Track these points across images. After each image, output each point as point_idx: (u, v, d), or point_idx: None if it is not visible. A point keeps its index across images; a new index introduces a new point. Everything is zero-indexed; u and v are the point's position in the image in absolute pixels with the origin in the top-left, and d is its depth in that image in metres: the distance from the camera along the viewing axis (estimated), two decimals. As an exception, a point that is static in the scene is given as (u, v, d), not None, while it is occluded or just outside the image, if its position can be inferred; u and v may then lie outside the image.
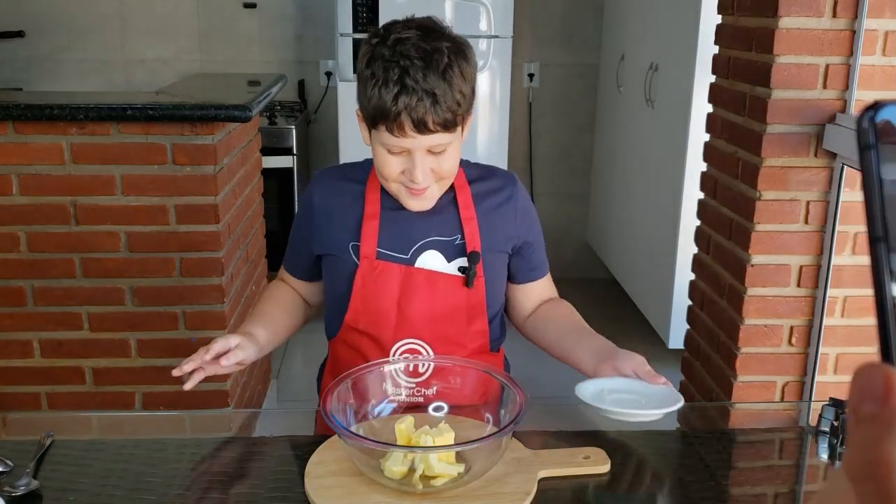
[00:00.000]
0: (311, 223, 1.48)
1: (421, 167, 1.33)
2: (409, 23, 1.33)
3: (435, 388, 1.35)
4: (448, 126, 1.31)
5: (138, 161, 2.30)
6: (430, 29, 1.33)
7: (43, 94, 2.90)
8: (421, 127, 1.29)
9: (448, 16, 3.68)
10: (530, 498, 1.16)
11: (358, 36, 3.61)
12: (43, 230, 2.33)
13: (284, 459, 1.30)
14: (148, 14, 4.16)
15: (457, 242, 1.44)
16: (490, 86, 3.77)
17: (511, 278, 1.55)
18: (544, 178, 4.50)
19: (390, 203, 1.44)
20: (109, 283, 2.38)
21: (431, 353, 1.43)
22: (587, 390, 1.33)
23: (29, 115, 2.24)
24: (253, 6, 4.19)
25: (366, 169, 1.48)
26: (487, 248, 1.46)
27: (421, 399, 1.34)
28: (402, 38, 1.30)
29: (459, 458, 1.19)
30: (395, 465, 1.16)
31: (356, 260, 1.43)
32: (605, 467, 1.25)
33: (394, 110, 1.27)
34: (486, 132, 3.83)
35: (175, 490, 1.21)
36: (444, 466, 1.16)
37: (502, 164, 3.86)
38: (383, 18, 3.57)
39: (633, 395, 1.35)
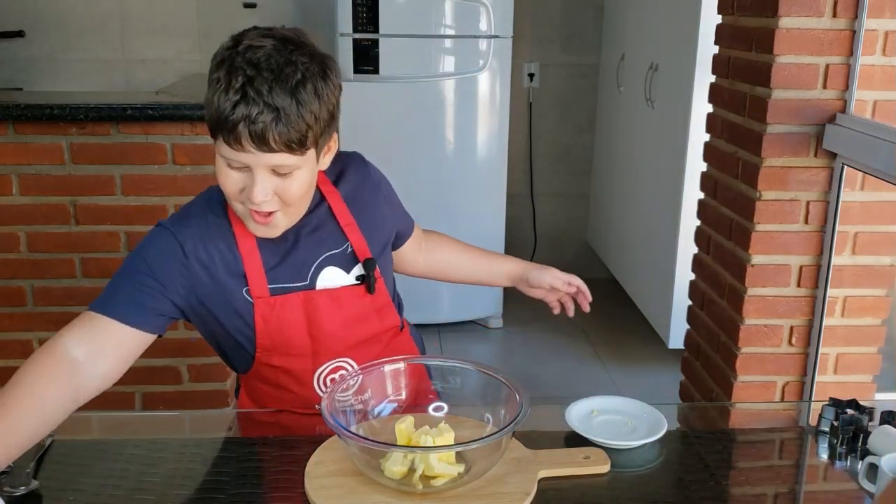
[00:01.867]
0: (184, 275, 1.30)
1: (261, 186, 1.21)
2: (271, 31, 1.23)
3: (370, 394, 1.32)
4: (293, 147, 1.20)
5: (138, 161, 2.30)
6: (289, 41, 1.22)
7: (43, 94, 2.90)
8: (261, 143, 1.18)
9: (448, 16, 3.68)
10: (530, 498, 1.16)
11: (358, 36, 3.61)
12: (43, 230, 2.33)
13: (284, 459, 1.30)
14: (148, 14, 4.16)
15: (348, 251, 1.40)
16: (490, 86, 3.77)
17: (392, 247, 1.56)
18: (544, 178, 4.50)
19: None
20: (109, 283, 2.38)
21: (356, 366, 1.39)
22: (574, 415, 1.38)
23: (29, 115, 2.24)
24: (253, 6, 4.19)
25: (218, 205, 1.35)
26: (377, 247, 1.44)
27: (360, 406, 1.30)
28: (254, 45, 1.20)
29: (459, 458, 1.19)
30: (395, 465, 1.16)
31: (251, 301, 1.33)
32: (605, 467, 1.25)
33: (231, 120, 1.17)
34: (486, 132, 3.83)
35: (175, 490, 1.21)
36: (444, 466, 1.16)
37: (502, 164, 3.85)
38: (383, 18, 3.57)
39: (619, 416, 1.39)
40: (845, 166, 2.15)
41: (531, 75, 4.33)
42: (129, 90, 4.18)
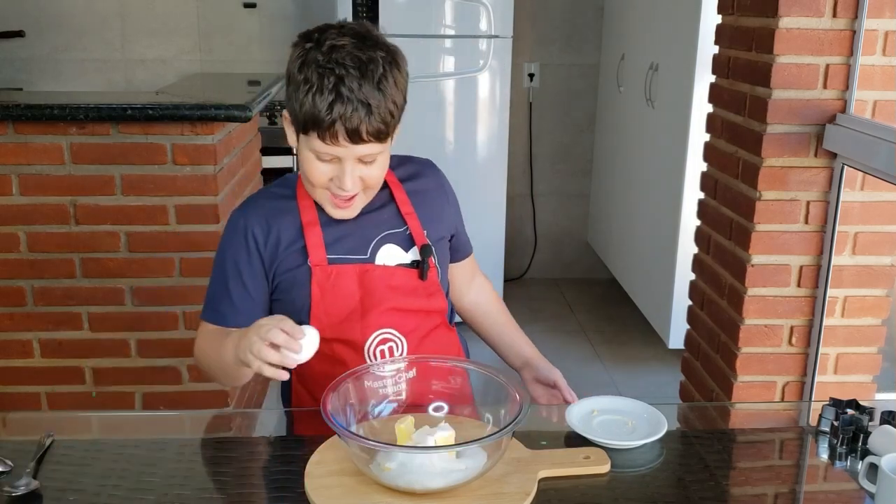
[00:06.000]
0: (257, 257, 1.42)
1: (350, 175, 1.33)
2: (343, 29, 1.32)
3: (415, 370, 1.36)
4: (381, 136, 1.31)
5: (138, 161, 2.30)
6: (364, 37, 1.31)
7: (43, 94, 2.90)
8: (354, 137, 1.28)
9: (448, 16, 3.68)
10: (530, 498, 1.16)
11: (358, 36, 3.61)
12: (43, 230, 2.33)
13: (284, 459, 1.30)
14: (148, 14, 4.16)
15: (407, 233, 1.47)
16: (490, 86, 3.77)
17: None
18: (544, 178, 4.50)
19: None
20: (109, 283, 2.38)
21: (403, 339, 1.44)
22: (575, 413, 1.38)
23: (29, 115, 2.24)
24: (253, 6, 4.19)
25: (291, 183, 1.47)
26: (434, 237, 1.50)
27: (404, 386, 1.34)
28: (336, 44, 1.28)
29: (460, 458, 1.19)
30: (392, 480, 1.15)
31: (310, 270, 1.40)
32: (605, 467, 1.25)
33: (328, 119, 1.27)
34: (486, 132, 3.83)
35: (175, 490, 1.21)
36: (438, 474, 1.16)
37: (502, 164, 3.85)
38: (383, 18, 3.57)
39: (619, 416, 1.39)
40: (845, 166, 2.15)
41: (531, 75, 4.33)
42: (129, 90, 4.18)
